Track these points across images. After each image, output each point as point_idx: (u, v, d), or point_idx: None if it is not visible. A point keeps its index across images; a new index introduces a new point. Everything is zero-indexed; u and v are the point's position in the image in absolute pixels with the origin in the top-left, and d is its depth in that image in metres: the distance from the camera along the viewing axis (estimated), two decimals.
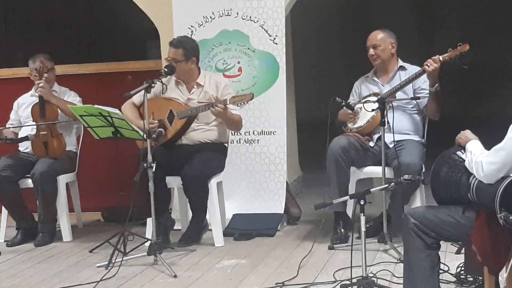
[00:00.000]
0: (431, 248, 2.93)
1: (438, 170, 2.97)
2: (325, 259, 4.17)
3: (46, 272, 4.28)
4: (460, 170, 2.89)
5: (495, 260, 2.75)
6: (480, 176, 2.78)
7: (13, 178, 4.92)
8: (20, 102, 5.27)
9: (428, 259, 2.92)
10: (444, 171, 2.94)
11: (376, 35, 4.56)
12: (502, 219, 2.61)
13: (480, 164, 2.78)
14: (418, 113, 4.60)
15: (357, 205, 3.16)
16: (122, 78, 5.55)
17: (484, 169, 2.76)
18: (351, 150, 4.45)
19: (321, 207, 3.33)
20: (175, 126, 4.62)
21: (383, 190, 3.83)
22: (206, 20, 5.25)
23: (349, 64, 10.43)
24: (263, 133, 5.18)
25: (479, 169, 2.78)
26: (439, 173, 2.96)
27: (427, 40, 10.75)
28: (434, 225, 2.89)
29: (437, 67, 4.23)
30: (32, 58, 5.11)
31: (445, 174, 2.93)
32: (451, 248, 3.36)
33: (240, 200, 5.15)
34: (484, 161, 2.77)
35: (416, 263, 2.92)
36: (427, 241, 2.91)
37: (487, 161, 2.76)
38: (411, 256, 2.95)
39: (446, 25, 10.90)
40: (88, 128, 4.48)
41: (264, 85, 5.17)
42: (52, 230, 5.01)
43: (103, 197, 5.54)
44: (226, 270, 4.10)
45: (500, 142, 2.77)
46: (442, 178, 2.94)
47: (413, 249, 2.93)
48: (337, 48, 11.31)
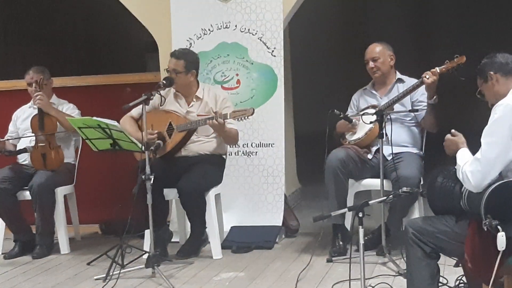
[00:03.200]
0: (430, 257, 2.98)
1: (433, 180, 3.02)
2: (324, 272, 4.17)
3: (43, 285, 4.27)
4: (454, 180, 2.94)
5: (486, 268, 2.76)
6: (470, 187, 2.84)
7: (11, 190, 4.91)
8: (18, 114, 5.27)
9: (428, 268, 2.98)
10: (439, 181, 2.99)
11: (375, 48, 4.58)
12: (487, 225, 2.65)
13: (465, 175, 2.84)
14: (416, 125, 4.60)
15: (356, 218, 3.16)
16: (121, 90, 5.54)
17: (470, 179, 2.82)
18: (349, 162, 4.45)
19: (320, 219, 3.32)
20: (174, 139, 4.62)
21: (382, 203, 3.83)
22: (205, 33, 5.27)
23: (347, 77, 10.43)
24: (261, 145, 5.18)
25: (465, 180, 2.85)
26: (435, 183, 3.00)
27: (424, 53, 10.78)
28: (431, 235, 2.95)
29: (436, 80, 4.24)
30: (29, 71, 5.10)
31: (440, 184, 2.98)
32: (450, 261, 3.35)
33: (238, 212, 5.14)
34: (467, 170, 2.83)
35: (417, 272, 2.98)
36: (426, 250, 2.97)
37: (470, 171, 2.83)
38: (412, 265, 3.01)
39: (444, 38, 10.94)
40: (87, 140, 4.48)
41: (262, 97, 5.18)
42: (50, 242, 4.99)
43: (101, 209, 5.53)
44: (224, 283, 4.09)
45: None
46: (438, 188, 2.99)
47: (413, 258, 3.00)
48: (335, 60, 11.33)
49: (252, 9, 5.18)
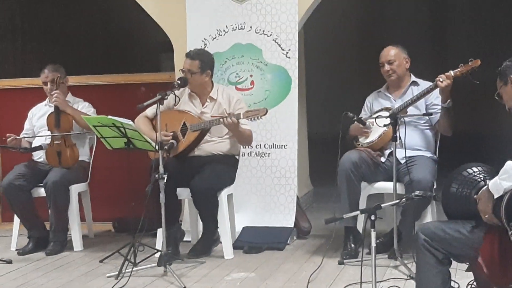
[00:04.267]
0: (442, 264, 2.94)
1: (449, 185, 2.98)
2: (335, 274, 4.17)
3: (56, 281, 4.30)
4: (470, 186, 2.90)
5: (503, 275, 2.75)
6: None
7: (26, 187, 4.96)
8: (34, 111, 5.31)
9: (440, 275, 2.93)
10: (455, 187, 2.95)
11: (390, 51, 4.58)
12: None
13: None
14: (430, 129, 4.59)
15: (368, 220, 3.16)
16: (136, 89, 5.59)
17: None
18: (362, 165, 4.45)
19: (332, 221, 3.33)
20: (188, 138, 4.65)
21: (394, 206, 3.83)
22: (220, 33, 5.29)
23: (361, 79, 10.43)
24: (274, 146, 5.19)
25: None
26: (450, 188, 2.97)
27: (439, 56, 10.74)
28: (443, 241, 2.90)
29: (450, 83, 4.22)
30: (44, 69, 5.13)
31: (456, 190, 2.94)
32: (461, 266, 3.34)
33: (250, 213, 5.16)
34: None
35: (428, 279, 2.93)
36: (438, 257, 2.92)
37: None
38: (422, 272, 2.96)
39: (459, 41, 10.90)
40: (101, 139, 4.52)
41: (276, 98, 5.19)
42: (64, 239, 5.03)
43: (114, 207, 5.56)
44: (235, 283, 4.10)
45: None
46: (453, 193, 2.95)
47: (424, 265, 2.94)
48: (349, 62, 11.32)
49: (268, 11, 5.20)
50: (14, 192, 4.92)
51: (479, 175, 2.92)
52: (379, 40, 5.60)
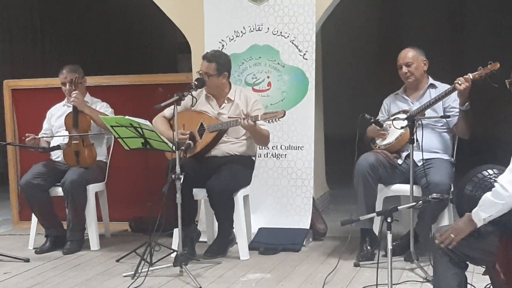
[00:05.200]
0: (459, 267, 2.93)
1: (463, 188, 2.97)
2: (351, 276, 4.16)
3: (73, 280, 4.33)
4: (484, 188, 2.89)
5: None
6: (506, 196, 2.74)
7: (44, 186, 5.00)
8: (52, 111, 5.35)
9: (456, 277, 2.93)
10: (469, 189, 2.94)
11: (408, 53, 4.56)
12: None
13: (499, 186, 2.75)
14: (448, 131, 4.57)
15: (384, 223, 3.15)
16: (153, 90, 5.62)
17: (507, 188, 2.72)
18: (379, 167, 4.44)
19: (348, 223, 3.32)
20: (205, 139, 4.66)
21: (411, 208, 3.81)
22: (237, 35, 5.30)
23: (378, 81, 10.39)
24: (290, 148, 5.19)
25: (501, 192, 2.74)
26: (464, 190, 2.96)
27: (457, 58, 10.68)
28: (459, 244, 2.89)
29: (468, 86, 4.20)
30: (62, 70, 5.17)
31: (470, 192, 2.93)
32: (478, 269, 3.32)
33: (266, 214, 5.16)
34: (504, 181, 2.74)
35: (444, 281, 2.93)
36: (454, 260, 2.92)
37: (509, 180, 2.73)
38: (439, 274, 2.96)
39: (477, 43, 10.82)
40: (119, 139, 4.55)
41: (293, 100, 5.19)
42: (81, 238, 5.07)
43: (131, 207, 5.59)
44: (251, 284, 4.11)
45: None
46: (467, 195, 2.94)
47: (441, 268, 2.94)
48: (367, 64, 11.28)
49: (285, 12, 5.19)
50: (32, 191, 4.96)
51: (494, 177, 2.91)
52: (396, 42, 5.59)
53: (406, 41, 4.95)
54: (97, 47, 10.28)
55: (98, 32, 10.39)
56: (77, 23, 10.09)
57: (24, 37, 9.41)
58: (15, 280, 4.38)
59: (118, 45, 10.76)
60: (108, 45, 10.48)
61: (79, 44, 9.92)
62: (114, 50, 10.61)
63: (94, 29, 10.31)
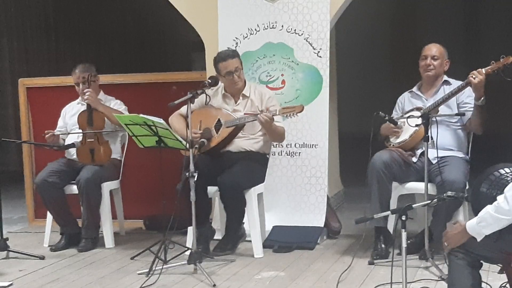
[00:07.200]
0: (473, 266, 2.93)
1: (478, 186, 2.95)
2: (365, 274, 4.15)
3: (88, 278, 4.35)
4: (501, 187, 2.87)
5: None
6: (506, 211, 2.73)
7: (59, 184, 5.02)
8: (67, 109, 5.38)
9: (470, 276, 2.92)
10: (485, 187, 2.93)
11: (436, 47, 4.57)
12: None
13: (503, 198, 2.74)
14: (462, 128, 4.54)
15: (399, 221, 3.13)
16: (167, 88, 5.63)
17: (509, 202, 2.72)
18: (393, 165, 4.42)
19: (362, 221, 3.31)
20: (222, 134, 4.67)
21: (426, 206, 3.79)
22: (251, 33, 5.30)
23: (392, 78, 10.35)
24: (304, 146, 5.18)
25: (503, 203, 2.73)
26: (480, 189, 2.94)
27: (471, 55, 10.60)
28: (474, 243, 2.88)
29: (483, 79, 4.18)
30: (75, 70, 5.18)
31: (486, 190, 2.91)
32: (493, 268, 3.30)
33: (280, 212, 5.15)
34: (508, 194, 2.72)
35: (459, 280, 2.92)
36: (469, 258, 2.91)
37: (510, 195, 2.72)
38: (453, 273, 2.95)
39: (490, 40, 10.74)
40: (133, 137, 4.56)
41: (307, 98, 5.17)
42: (95, 236, 5.09)
43: (145, 205, 5.61)
44: (265, 282, 4.11)
45: None
46: (483, 194, 2.93)
47: (456, 266, 2.93)
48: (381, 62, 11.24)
49: (299, 10, 5.18)
50: (47, 189, 4.99)
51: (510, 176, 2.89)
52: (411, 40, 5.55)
53: (420, 38, 4.92)
54: (111, 45, 10.33)
55: (112, 30, 10.43)
56: (91, 22, 10.14)
57: (39, 36, 9.46)
58: (31, 278, 4.41)
59: (132, 43, 10.80)
60: (122, 44, 10.53)
61: (93, 43, 9.97)
62: (128, 48, 10.66)
63: (108, 28, 10.35)
